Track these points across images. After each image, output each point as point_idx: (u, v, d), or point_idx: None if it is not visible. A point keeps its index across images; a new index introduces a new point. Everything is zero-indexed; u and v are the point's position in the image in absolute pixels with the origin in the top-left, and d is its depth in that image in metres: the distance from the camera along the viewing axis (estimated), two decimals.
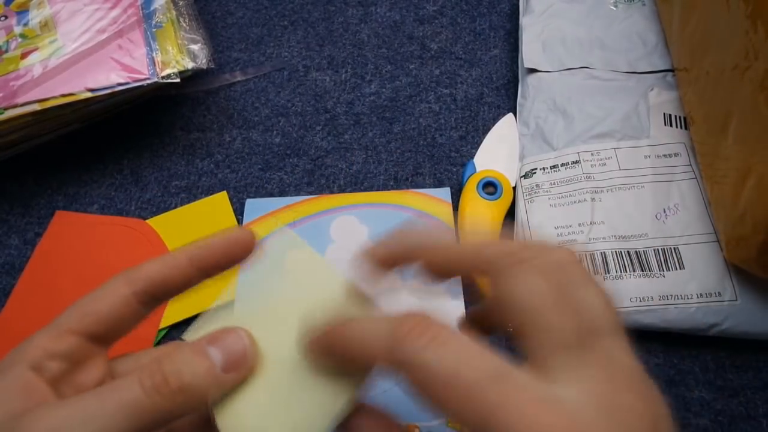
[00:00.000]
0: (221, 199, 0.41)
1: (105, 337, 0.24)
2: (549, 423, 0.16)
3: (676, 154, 0.38)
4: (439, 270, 0.23)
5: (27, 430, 0.19)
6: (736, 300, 0.33)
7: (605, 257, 0.35)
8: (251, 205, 0.41)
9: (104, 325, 0.23)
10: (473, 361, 0.17)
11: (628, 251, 0.35)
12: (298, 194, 0.42)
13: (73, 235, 0.40)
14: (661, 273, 0.34)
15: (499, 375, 0.17)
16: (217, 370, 0.21)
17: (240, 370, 0.22)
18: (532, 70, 0.43)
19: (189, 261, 0.24)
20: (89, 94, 0.38)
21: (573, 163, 0.38)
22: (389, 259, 0.24)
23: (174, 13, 0.43)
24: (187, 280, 0.24)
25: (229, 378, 0.22)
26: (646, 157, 0.38)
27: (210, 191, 0.42)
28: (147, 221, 0.41)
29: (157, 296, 0.24)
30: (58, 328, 0.23)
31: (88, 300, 0.23)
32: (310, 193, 0.42)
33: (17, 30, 0.41)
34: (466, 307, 0.36)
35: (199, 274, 0.24)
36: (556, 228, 0.36)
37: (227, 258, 0.25)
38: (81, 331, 0.23)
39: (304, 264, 0.26)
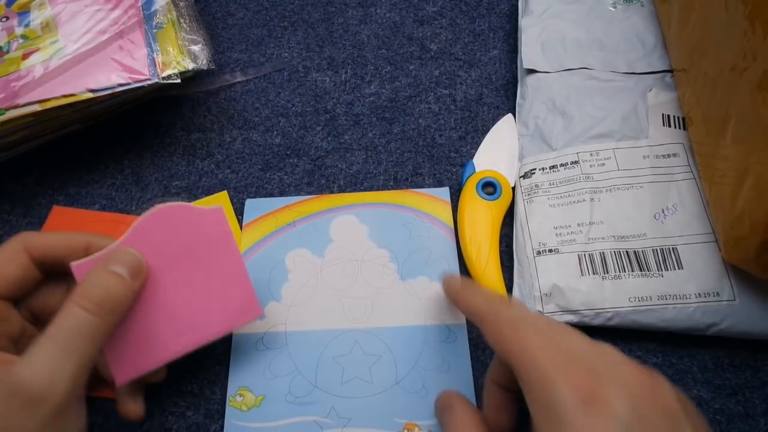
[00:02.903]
0: (222, 198, 0.42)
1: (15, 295, 0.27)
2: None
3: (674, 155, 0.38)
4: None
5: (9, 388, 0.22)
6: (735, 300, 0.33)
7: (604, 257, 0.35)
8: (251, 204, 0.41)
9: (14, 287, 0.27)
10: None
11: (626, 251, 0.35)
12: (298, 194, 0.42)
13: (70, 230, 0.40)
14: (660, 273, 0.34)
15: None
16: (127, 278, 0.27)
17: (142, 275, 0.28)
18: (532, 71, 0.44)
19: (86, 249, 0.28)
20: (90, 95, 0.38)
21: (572, 163, 0.39)
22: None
23: (175, 14, 0.43)
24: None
25: (137, 284, 0.27)
26: (644, 157, 0.38)
27: (210, 191, 0.42)
28: None
29: (50, 266, 0.28)
30: None
31: None
32: (310, 193, 0.42)
33: (18, 31, 0.41)
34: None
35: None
36: (555, 228, 0.36)
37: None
38: None
39: None
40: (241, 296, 0.32)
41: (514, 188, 0.40)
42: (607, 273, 0.34)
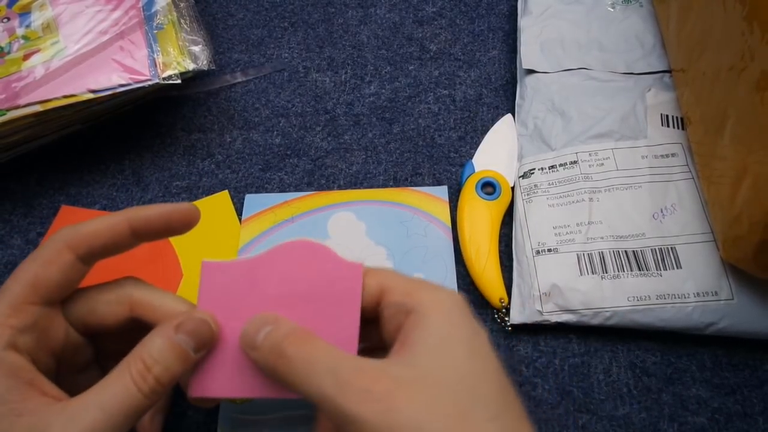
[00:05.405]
0: (223, 198, 0.42)
1: (59, 299, 0.26)
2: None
3: (673, 155, 0.38)
4: None
5: None
6: (733, 299, 0.33)
7: (603, 257, 0.35)
8: (250, 200, 0.41)
9: (58, 290, 0.25)
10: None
11: (625, 251, 0.35)
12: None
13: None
14: (659, 272, 0.34)
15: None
16: (191, 353, 0.25)
17: (207, 348, 0.26)
18: (531, 71, 0.44)
19: (129, 227, 0.26)
20: (91, 95, 0.38)
21: (571, 163, 0.39)
22: None
23: (175, 14, 0.43)
24: (125, 245, 0.27)
25: (199, 356, 0.26)
26: (643, 157, 0.38)
27: (211, 191, 0.42)
28: None
29: (97, 256, 0.26)
30: (11, 302, 0.24)
31: (32, 268, 0.25)
32: None
33: (19, 32, 0.41)
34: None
35: (136, 239, 0.27)
36: (555, 228, 0.37)
37: (166, 228, 0.27)
38: (38, 301, 0.25)
39: None
40: None
41: (513, 188, 0.40)
42: (606, 272, 0.35)
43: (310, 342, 0.23)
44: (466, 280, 0.37)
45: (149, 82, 0.39)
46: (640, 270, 0.34)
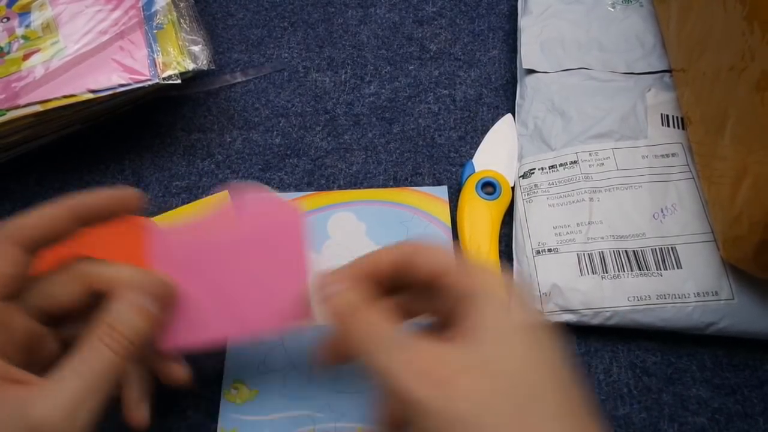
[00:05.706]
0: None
1: (14, 293, 0.26)
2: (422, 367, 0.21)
3: (673, 154, 0.38)
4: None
5: (26, 423, 0.21)
6: (733, 299, 0.33)
7: (603, 257, 0.35)
8: None
9: (12, 284, 0.26)
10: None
11: (626, 251, 0.35)
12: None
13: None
14: (659, 272, 0.34)
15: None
16: (154, 312, 0.26)
17: (169, 305, 0.28)
18: (531, 71, 0.44)
19: (71, 216, 0.27)
20: (91, 95, 0.38)
21: (571, 163, 0.39)
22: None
23: (175, 14, 0.43)
24: (68, 233, 0.27)
25: (164, 317, 0.27)
26: (643, 157, 0.38)
27: (211, 191, 0.42)
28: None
29: (41, 247, 0.27)
30: None
31: None
32: None
33: (19, 32, 0.41)
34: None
35: (79, 225, 0.28)
36: (555, 228, 0.37)
37: (109, 212, 0.29)
38: None
39: None
40: (295, 296, 0.30)
41: (513, 188, 0.40)
42: (606, 272, 0.35)
43: (375, 312, 0.23)
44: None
45: (149, 82, 0.39)
46: (640, 270, 0.34)
